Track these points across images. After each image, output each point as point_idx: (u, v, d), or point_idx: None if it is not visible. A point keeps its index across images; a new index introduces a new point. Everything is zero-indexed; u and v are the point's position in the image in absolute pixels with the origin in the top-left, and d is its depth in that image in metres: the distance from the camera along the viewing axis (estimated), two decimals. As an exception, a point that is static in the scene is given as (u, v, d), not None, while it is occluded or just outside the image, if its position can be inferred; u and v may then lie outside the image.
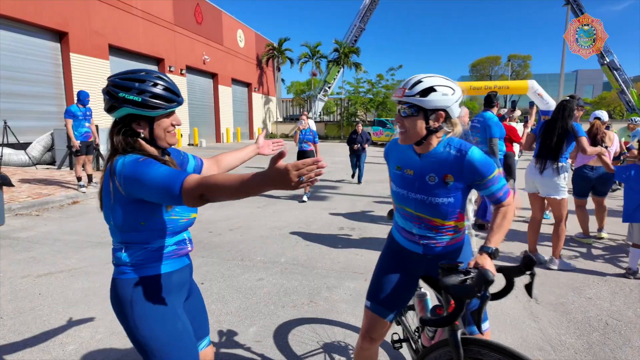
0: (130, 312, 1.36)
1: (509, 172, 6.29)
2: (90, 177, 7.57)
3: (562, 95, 20.23)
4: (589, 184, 4.76)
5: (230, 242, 4.82)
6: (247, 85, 28.40)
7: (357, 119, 30.53)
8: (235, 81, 26.06)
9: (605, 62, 29.82)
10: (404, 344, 2.12)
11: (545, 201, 4.09)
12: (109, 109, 1.35)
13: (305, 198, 7.38)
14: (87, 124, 7.15)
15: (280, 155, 1.10)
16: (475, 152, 1.54)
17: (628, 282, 3.65)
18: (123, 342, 2.62)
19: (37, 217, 5.88)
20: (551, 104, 20.96)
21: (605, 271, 3.92)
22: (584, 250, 4.60)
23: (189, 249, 1.52)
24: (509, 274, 1.36)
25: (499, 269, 1.39)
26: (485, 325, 1.69)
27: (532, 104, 7.12)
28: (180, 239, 1.47)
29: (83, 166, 7.38)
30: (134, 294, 1.36)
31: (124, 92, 1.30)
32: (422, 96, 1.47)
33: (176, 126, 1.43)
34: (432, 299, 2.04)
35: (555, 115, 3.86)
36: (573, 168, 4.93)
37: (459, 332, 1.40)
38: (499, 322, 2.91)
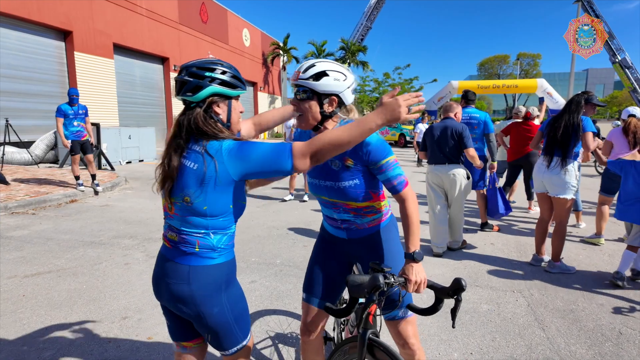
0: (221, 296, 1.42)
1: (530, 173, 6.10)
2: (94, 177, 7.37)
3: (572, 94, 19.80)
4: (619, 180, 4.51)
5: (226, 243, 4.67)
6: (253, 84, 28.31)
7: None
8: (240, 80, 25.96)
9: (616, 60, 29.26)
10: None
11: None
12: (194, 90, 1.37)
13: (306, 198, 7.21)
14: (76, 123, 6.98)
15: (393, 92, 1.35)
16: (371, 135, 1.52)
17: (643, 287, 3.43)
18: (102, 348, 2.48)
19: (33, 216, 5.80)
20: (561, 102, 20.57)
21: (618, 275, 3.70)
22: (596, 252, 4.37)
23: None
24: (438, 293, 1.35)
25: (431, 286, 1.39)
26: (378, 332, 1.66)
27: (542, 99, 6.90)
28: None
29: (86, 165, 7.27)
30: (227, 278, 1.44)
31: (209, 72, 1.37)
32: (315, 80, 1.48)
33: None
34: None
35: (563, 110, 3.67)
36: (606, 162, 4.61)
37: (369, 332, 1.44)
38: (504, 330, 2.72)
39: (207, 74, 1.37)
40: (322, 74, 1.48)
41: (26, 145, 10.63)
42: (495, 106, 75.47)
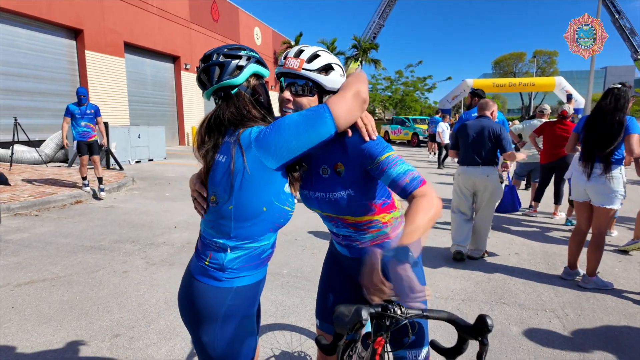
0: (215, 328, 1.20)
1: (563, 176, 5.74)
2: (100, 180, 7.04)
3: (591, 93, 19.11)
4: None
5: (231, 249, 4.42)
6: (264, 83, 28.17)
7: (375, 117, 29.91)
8: (251, 79, 25.82)
9: (638, 57, 28.36)
10: None
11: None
12: (235, 71, 1.21)
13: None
14: (83, 123, 6.80)
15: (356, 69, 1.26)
16: None
17: (692, 307, 3.07)
18: (88, 372, 2.24)
19: (35, 218, 5.63)
20: (580, 101, 19.91)
21: (661, 292, 3.33)
22: (633, 265, 3.99)
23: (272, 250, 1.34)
24: (460, 332, 1.06)
25: (453, 321, 1.06)
26: None
27: (570, 96, 6.48)
28: (275, 239, 1.32)
29: (93, 166, 7.06)
30: (228, 309, 1.20)
31: (243, 51, 1.25)
32: (324, 73, 1.23)
33: None
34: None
35: (605, 106, 3.17)
36: None
37: None
38: (539, 359, 2.39)
39: (243, 52, 1.24)
40: (330, 67, 1.24)
41: (36, 144, 10.56)
42: (510, 105, 74.15)
